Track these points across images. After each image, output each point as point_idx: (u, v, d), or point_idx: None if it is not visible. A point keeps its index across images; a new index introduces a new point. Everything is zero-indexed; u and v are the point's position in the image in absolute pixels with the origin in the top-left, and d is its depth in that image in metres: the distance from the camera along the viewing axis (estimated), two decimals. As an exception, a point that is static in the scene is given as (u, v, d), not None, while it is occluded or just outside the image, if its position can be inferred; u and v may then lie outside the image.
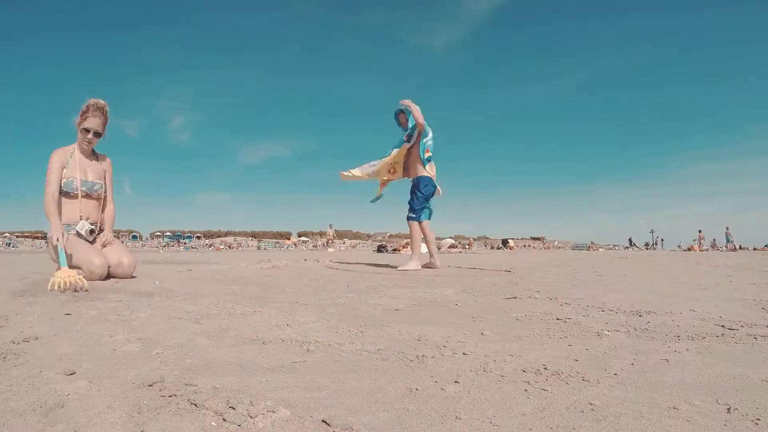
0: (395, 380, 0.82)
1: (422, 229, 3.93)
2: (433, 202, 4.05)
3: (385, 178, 4.13)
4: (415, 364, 0.93)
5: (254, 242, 24.85)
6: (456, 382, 0.81)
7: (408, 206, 3.97)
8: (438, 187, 3.97)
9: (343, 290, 2.32)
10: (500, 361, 0.94)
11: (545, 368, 0.88)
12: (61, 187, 2.57)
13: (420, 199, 3.88)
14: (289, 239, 27.36)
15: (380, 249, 13.33)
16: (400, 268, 3.79)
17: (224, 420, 0.63)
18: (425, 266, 3.95)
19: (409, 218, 3.89)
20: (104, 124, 2.72)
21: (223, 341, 1.11)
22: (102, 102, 2.69)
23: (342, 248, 19.14)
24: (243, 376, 0.83)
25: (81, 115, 2.66)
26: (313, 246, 22.25)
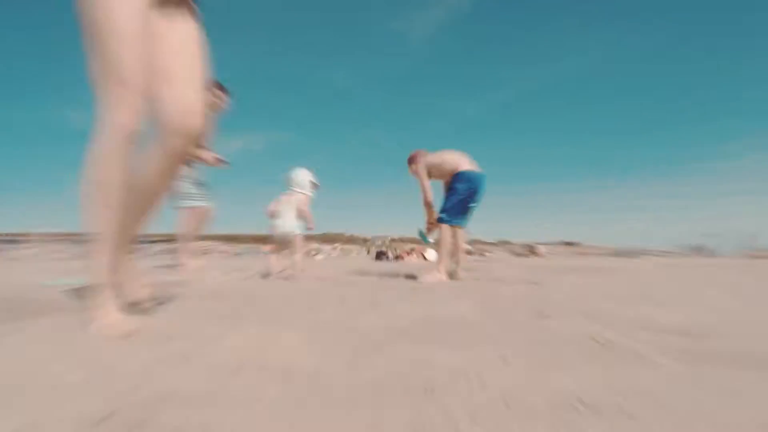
0: (396, 417, 0.81)
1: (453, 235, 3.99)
2: (478, 204, 4.11)
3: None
4: (422, 396, 0.92)
5: (227, 247, 25.01)
6: (472, 419, 0.80)
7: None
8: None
9: (334, 305, 2.31)
10: (526, 394, 0.93)
11: (582, 403, 0.87)
12: None
13: (453, 196, 3.96)
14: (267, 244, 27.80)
15: (379, 256, 13.25)
16: (420, 279, 3.82)
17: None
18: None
19: (438, 219, 3.99)
20: None
21: (187, 368, 1.10)
22: None
23: (333, 254, 18.88)
24: (212, 411, 0.82)
25: None
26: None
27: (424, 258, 12.57)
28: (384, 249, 13.75)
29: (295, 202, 4.06)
